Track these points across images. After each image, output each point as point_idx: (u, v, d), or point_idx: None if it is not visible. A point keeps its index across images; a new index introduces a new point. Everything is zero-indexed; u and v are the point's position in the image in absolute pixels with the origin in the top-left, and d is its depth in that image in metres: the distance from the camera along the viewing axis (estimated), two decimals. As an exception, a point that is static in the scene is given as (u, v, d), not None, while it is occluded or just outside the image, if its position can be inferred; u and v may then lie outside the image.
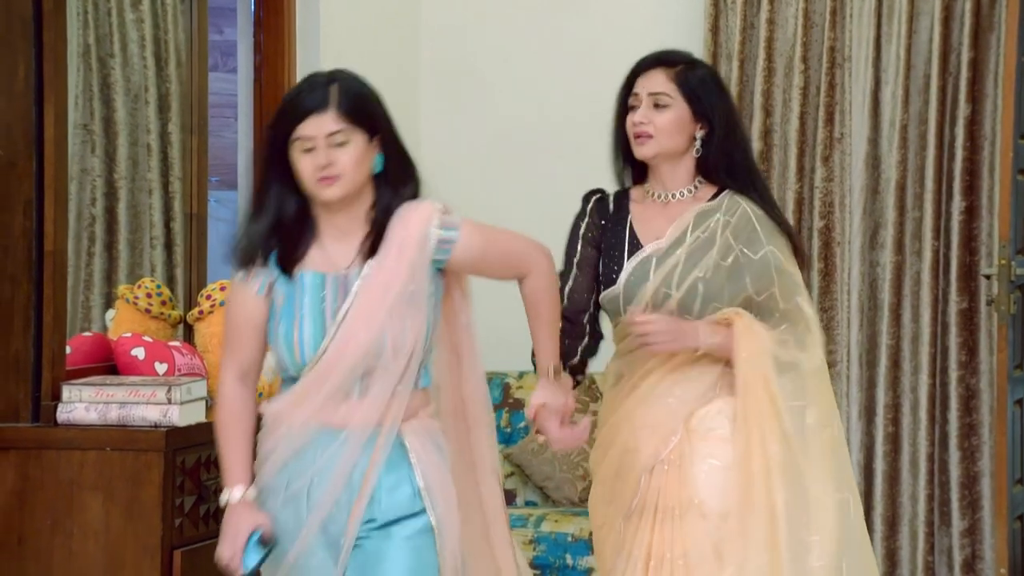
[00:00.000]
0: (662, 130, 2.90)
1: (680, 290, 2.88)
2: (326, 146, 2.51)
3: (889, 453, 4.74)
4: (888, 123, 4.73)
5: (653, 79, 2.93)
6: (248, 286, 2.57)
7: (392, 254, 2.57)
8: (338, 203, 2.56)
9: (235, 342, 2.59)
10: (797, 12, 4.77)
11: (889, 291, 4.72)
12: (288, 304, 2.56)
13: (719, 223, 2.91)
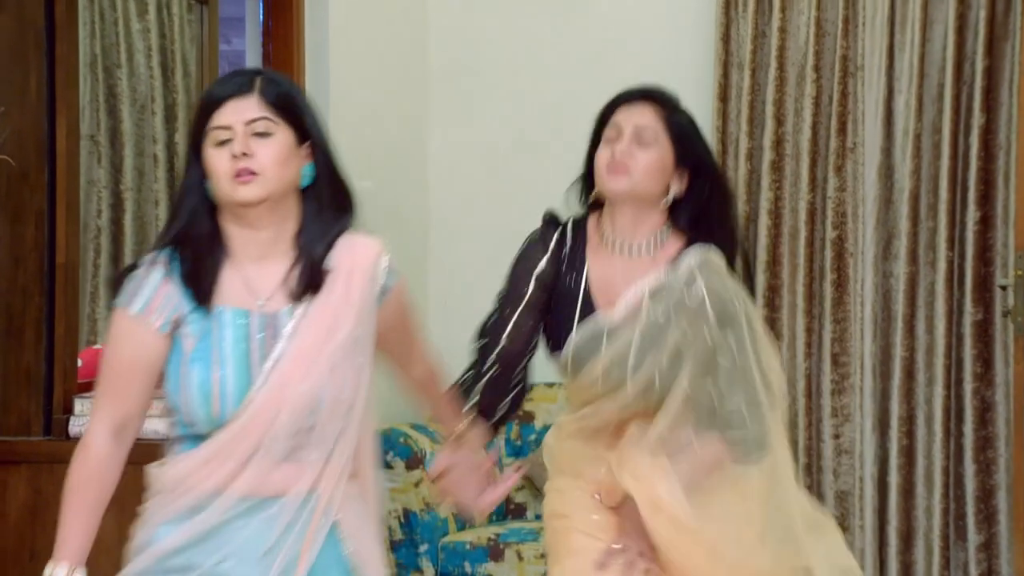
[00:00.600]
0: (642, 169, 2.67)
1: (636, 379, 2.66)
2: (244, 135, 2.15)
3: (903, 466, 4.74)
4: (902, 132, 4.73)
5: (640, 113, 2.72)
6: (146, 320, 2.17)
7: (338, 290, 2.24)
8: (256, 215, 2.18)
9: (117, 388, 2.18)
10: (809, 20, 4.78)
11: (903, 302, 4.72)
12: (203, 346, 2.18)
13: (677, 307, 2.66)
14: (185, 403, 2.18)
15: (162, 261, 2.19)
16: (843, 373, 4.82)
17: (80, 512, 2.18)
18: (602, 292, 2.70)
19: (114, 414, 2.19)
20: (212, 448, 2.19)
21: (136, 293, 2.18)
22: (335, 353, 2.22)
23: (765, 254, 4.81)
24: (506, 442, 4.83)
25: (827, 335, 4.81)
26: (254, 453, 2.18)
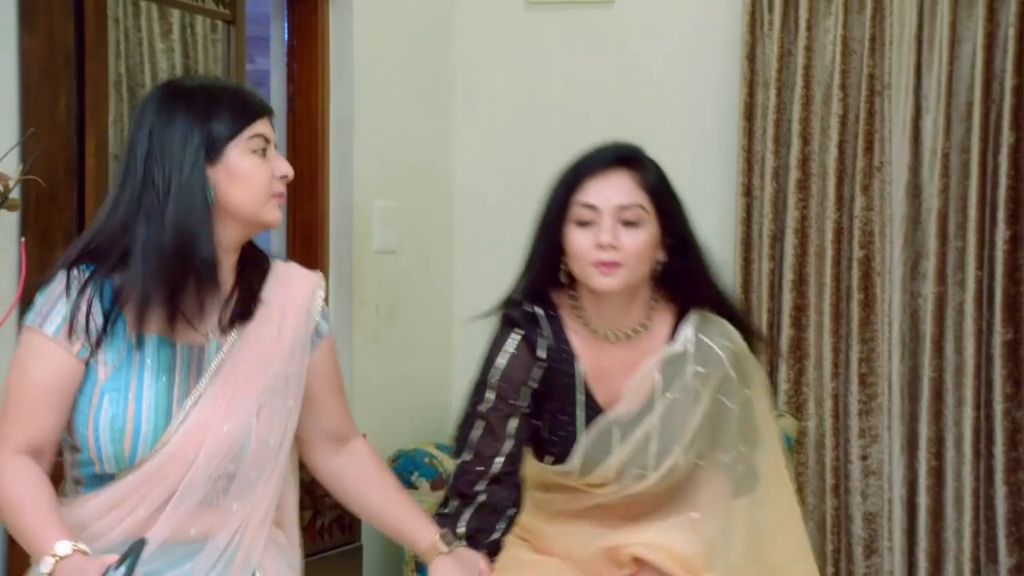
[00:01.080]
0: (634, 255, 2.33)
1: (659, 471, 2.40)
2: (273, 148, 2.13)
3: (933, 488, 4.72)
4: (929, 151, 4.73)
5: (618, 185, 2.36)
6: (66, 342, 2.03)
7: (273, 323, 2.13)
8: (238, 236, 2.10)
9: (27, 412, 2.01)
10: (835, 39, 4.78)
11: (931, 322, 4.71)
12: (119, 377, 2.04)
13: (695, 378, 2.41)
14: (93, 439, 2.03)
15: (80, 278, 2.06)
16: (871, 393, 4.81)
17: (37, 507, 1.98)
18: (601, 386, 2.42)
19: (23, 439, 2.02)
20: (120, 492, 2.04)
21: (51, 312, 2.04)
22: (263, 392, 2.09)
23: (791, 273, 4.81)
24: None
25: (854, 355, 4.80)
26: (167, 499, 2.03)
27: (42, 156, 3.02)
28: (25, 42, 3.08)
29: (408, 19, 4.80)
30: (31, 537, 1.98)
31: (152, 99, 2.11)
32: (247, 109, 2.10)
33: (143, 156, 2.06)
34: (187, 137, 2.05)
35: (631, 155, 2.38)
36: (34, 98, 3.09)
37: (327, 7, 4.38)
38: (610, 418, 2.39)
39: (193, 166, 2.04)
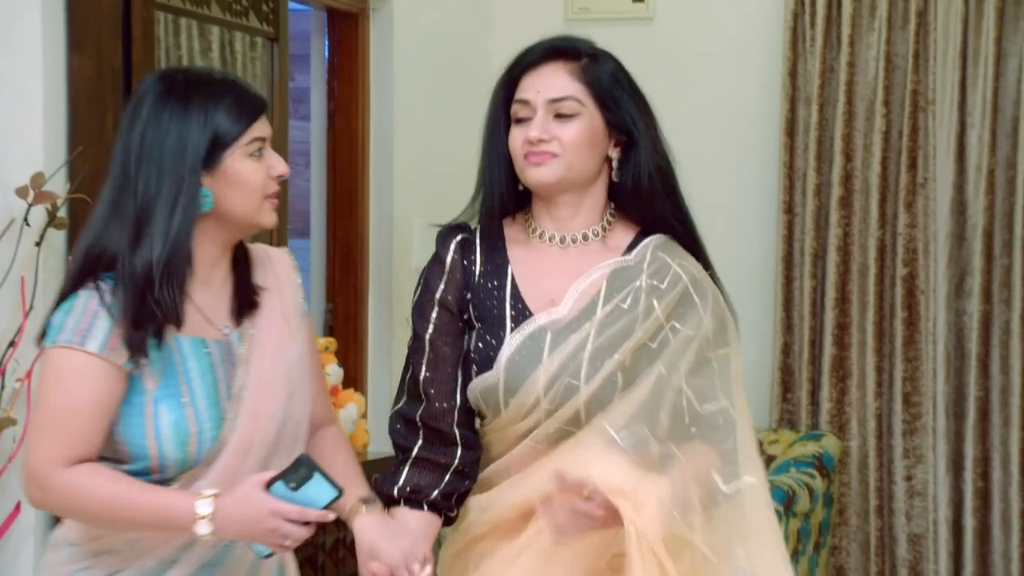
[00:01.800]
0: (570, 147, 2.20)
1: (592, 383, 2.18)
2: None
3: (979, 509, 4.72)
4: (974, 168, 4.74)
5: (551, 78, 2.23)
6: (112, 357, 2.03)
7: (276, 308, 2.18)
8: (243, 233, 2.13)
9: (75, 431, 2.02)
10: (878, 55, 4.80)
11: (977, 341, 4.72)
12: (170, 384, 2.07)
13: (643, 289, 2.22)
14: (155, 447, 2.05)
15: (111, 290, 2.06)
16: (915, 413, 4.81)
17: (143, 486, 2.02)
18: (536, 291, 2.25)
19: (73, 457, 2.02)
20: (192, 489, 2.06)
21: (91, 329, 2.03)
22: (290, 375, 2.15)
23: (834, 291, 4.82)
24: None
25: (898, 374, 4.81)
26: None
27: (89, 175, 3.07)
28: (74, 63, 3.13)
29: (448, 36, 4.85)
30: (159, 510, 2.01)
31: (147, 97, 2.09)
32: (245, 111, 2.09)
33: (136, 160, 2.07)
34: (184, 144, 2.05)
35: (565, 46, 2.26)
36: (82, 118, 3.14)
37: (368, 24, 4.43)
38: (541, 322, 2.21)
39: (190, 175, 2.05)
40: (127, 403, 2.06)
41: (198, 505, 2.00)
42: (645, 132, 2.25)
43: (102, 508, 2.03)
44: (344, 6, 4.36)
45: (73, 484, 2.02)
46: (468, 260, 2.29)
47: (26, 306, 2.99)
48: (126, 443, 2.07)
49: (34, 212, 3.01)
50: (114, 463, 2.08)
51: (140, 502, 2.02)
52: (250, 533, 2.02)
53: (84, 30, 3.14)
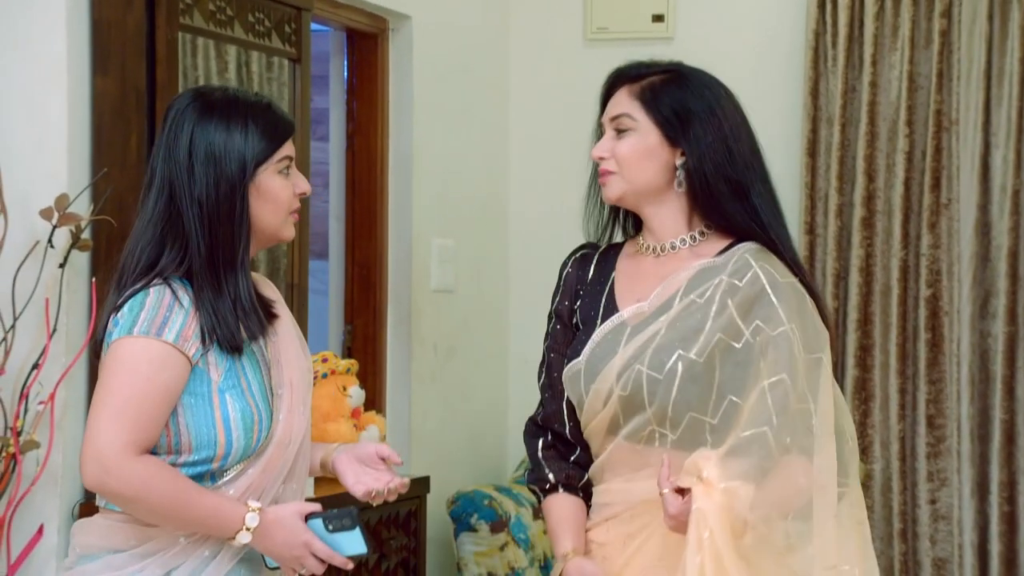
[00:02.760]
0: (625, 162, 2.37)
1: (665, 375, 2.30)
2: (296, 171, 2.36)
3: (1005, 533, 4.73)
4: (999, 188, 4.76)
5: (616, 99, 2.43)
6: (181, 350, 2.21)
7: (288, 321, 2.39)
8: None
9: (148, 416, 2.17)
10: (901, 75, 4.83)
11: (1002, 363, 4.73)
12: (232, 376, 2.26)
13: (721, 287, 2.33)
14: (224, 434, 2.22)
15: (181, 288, 2.24)
16: (939, 436, 4.83)
17: (203, 489, 2.21)
18: (628, 294, 2.42)
19: (142, 442, 2.17)
20: (245, 481, 2.25)
21: (167, 321, 2.20)
22: (307, 381, 2.36)
23: (856, 312, 4.85)
24: (591, 507, 4.88)
25: (922, 396, 4.82)
26: (274, 488, 2.29)
27: (113, 196, 3.10)
28: (98, 84, 3.17)
29: (467, 56, 4.89)
30: (211, 513, 2.19)
31: (189, 112, 2.28)
32: (277, 131, 2.30)
33: (186, 169, 2.26)
34: (230, 157, 2.25)
35: (627, 70, 2.46)
36: (106, 139, 3.18)
37: (387, 45, 4.47)
38: (624, 315, 2.38)
39: (233, 187, 2.25)
40: (191, 394, 2.22)
41: (248, 517, 2.20)
42: (701, 139, 2.36)
43: (162, 501, 2.17)
44: (363, 27, 4.40)
45: (142, 473, 2.15)
46: (581, 273, 2.49)
47: (50, 328, 3.02)
48: (192, 432, 2.22)
49: (58, 233, 3.05)
50: (168, 456, 2.22)
51: (197, 502, 2.18)
52: (277, 551, 2.24)
53: (108, 51, 3.18)
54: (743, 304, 2.32)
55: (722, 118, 2.38)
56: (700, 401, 2.32)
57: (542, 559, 4.51)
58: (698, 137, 2.36)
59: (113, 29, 3.19)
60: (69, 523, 3.12)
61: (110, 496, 2.21)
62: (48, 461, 3.04)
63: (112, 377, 2.20)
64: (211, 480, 2.25)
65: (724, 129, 2.37)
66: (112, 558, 2.25)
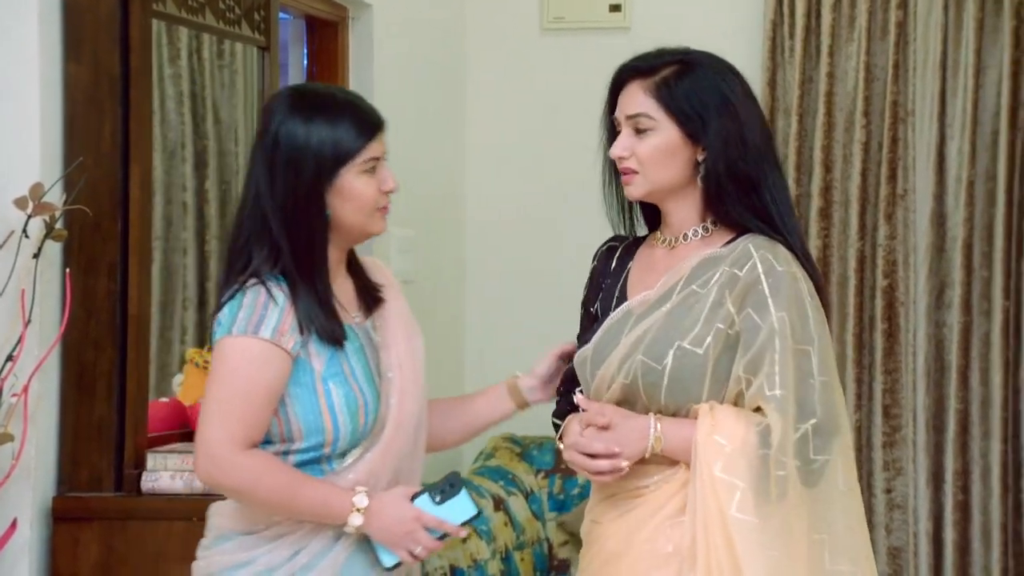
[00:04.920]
0: (647, 162, 2.41)
1: (653, 359, 2.39)
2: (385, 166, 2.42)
3: (959, 522, 4.84)
4: (954, 179, 4.87)
5: (631, 96, 2.44)
6: (279, 345, 2.31)
7: (396, 304, 2.48)
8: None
9: (253, 413, 2.29)
10: (858, 65, 4.92)
11: (957, 353, 4.84)
12: (334, 363, 2.36)
13: (722, 276, 2.39)
14: (330, 421, 2.33)
15: (275, 285, 2.34)
16: (895, 425, 4.93)
17: (310, 479, 2.30)
18: (639, 283, 2.50)
19: (249, 439, 2.29)
20: (364, 467, 2.35)
21: (263, 319, 2.31)
22: (419, 361, 2.45)
23: (812, 303, 4.93)
24: (548, 496, 4.93)
25: (878, 386, 4.93)
26: (393, 473, 2.38)
27: (87, 185, 3.10)
28: (71, 71, 3.17)
29: (427, 45, 4.93)
30: (320, 501, 2.29)
31: (276, 113, 2.37)
32: (363, 131, 2.36)
33: (269, 173, 2.36)
34: (305, 160, 2.33)
35: (640, 64, 2.46)
36: (79, 127, 3.18)
37: (347, 34, 4.49)
38: (631, 304, 2.46)
39: (312, 189, 2.33)
40: (296, 384, 2.32)
41: (357, 499, 2.30)
42: (718, 134, 2.39)
43: (272, 493, 2.29)
44: (324, 15, 4.42)
45: (252, 467, 2.28)
46: (605, 265, 2.57)
47: (25, 319, 3.02)
48: (300, 421, 2.33)
49: (32, 223, 3.04)
50: (281, 444, 2.34)
51: (304, 492, 2.29)
52: (389, 533, 2.31)
53: (81, 37, 3.18)
54: (739, 293, 2.38)
55: (737, 107, 2.41)
56: (696, 391, 2.39)
57: (504, 551, 4.56)
58: (716, 133, 2.39)
59: (85, 15, 3.18)
60: (43, 517, 3.13)
61: (222, 490, 2.33)
62: (22, 454, 3.04)
63: (217, 377, 2.32)
64: (329, 464, 2.36)
65: (740, 119, 2.40)
66: (244, 539, 2.37)
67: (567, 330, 3.59)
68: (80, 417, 3.18)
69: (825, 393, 2.36)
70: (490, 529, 4.52)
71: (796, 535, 2.33)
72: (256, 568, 2.34)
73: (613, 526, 2.46)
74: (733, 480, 2.32)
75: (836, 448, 2.37)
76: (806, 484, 2.34)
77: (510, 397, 2.61)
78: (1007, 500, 4.82)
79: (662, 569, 2.38)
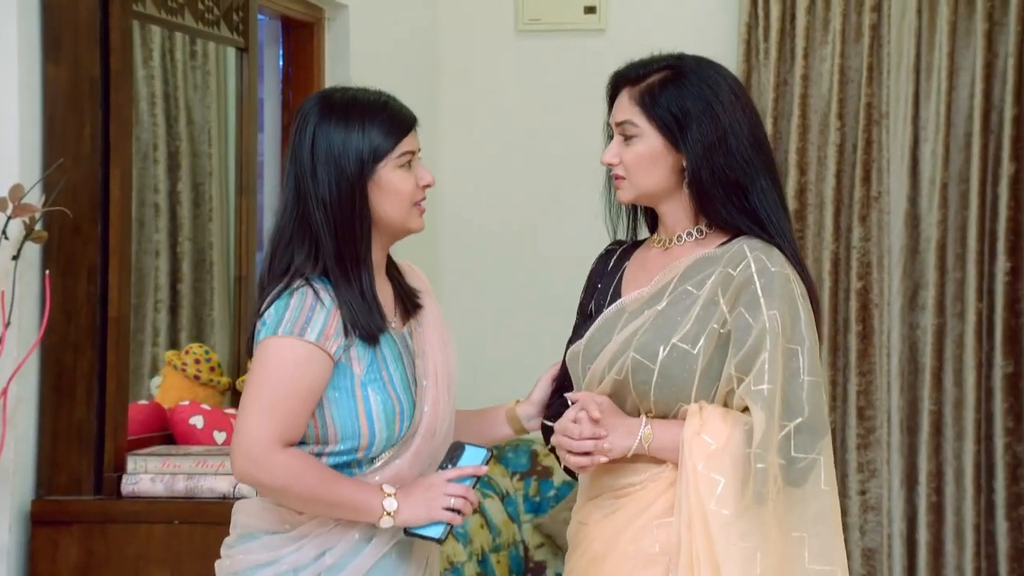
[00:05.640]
0: (632, 168, 2.46)
1: (646, 357, 2.42)
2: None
3: (933, 523, 4.89)
4: (928, 181, 4.92)
5: (619, 103, 2.50)
6: (324, 348, 2.34)
7: (432, 311, 2.51)
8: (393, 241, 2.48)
9: (295, 413, 2.33)
10: (832, 68, 4.97)
11: (931, 354, 4.89)
12: (374, 369, 2.39)
13: (716, 276, 2.43)
14: (367, 426, 2.37)
15: (322, 288, 2.37)
16: (869, 427, 4.97)
17: (341, 478, 2.34)
18: (633, 282, 2.55)
19: (288, 438, 2.32)
20: (394, 472, 2.38)
21: (309, 321, 2.34)
22: (452, 369, 2.48)
23: (787, 305, 4.96)
24: (524, 498, 4.95)
25: (852, 388, 4.97)
26: (416, 477, 2.40)
27: (67, 187, 3.11)
28: (50, 72, 3.17)
29: (401, 46, 4.94)
30: (353, 499, 2.33)
31: (311, 116, 2.41)
32: (396, 127, 2.41)
33: (310, 174, 2.39)
34: (348, 158, 2.37)
35: (628, 72, 2.51)
36: (59, 128, 3.18)
37: (323, 34, 4.50)
38: (624, 301, 2.50)
39: (356, 183, 2.37)
40: (336, 388, 2.36)
41: (387, 503, 2.33)
42: (699, 142, 2.42)
43: (307, 491, 2.32)
44: (300, 15, 4.42)
45: (289, 465, 2.31)
46: (603, 267, 2.62)
47: (5, 320, 3.02)
48: (337, 425, 2.37)
49: (11, 225, 3.04)
50: (316, 446, 2.37)
51: (338, 491, 2.33)
52: (418, 504, 2.33)
53: (60, 39, 3.18)
54: (733, 292, 2.41)
55: (720, 113, 2.43)
56: (686, 389, 2.42)
57: (480, 553, 4.57)
58: (696, 140, 2.42)
59: (65, 16, 3.18)
60: (21, 521, 3.13)
61: (259, 487, 2.36)
62: (0, 458, 3.04)
63: (259, 376, 2.34)
64: (359, 468, 2.39)
65: (723, 125, 2.42)
66: (270, 539, 2.39)
67: (543, 334, 3.62)
68: (59, 420, 3.18)
69: (813, 392, 2.39)
70: (467, 531, 4.53)
71: (774, 531, 2.35)
72: (281, 568, 2.36)
73: (599, 527, 2.48)
74: (714, 476, 2.35)
75: (820, 448, 2.40)
76: (790, 483, 2.36)
77: (508, 424, 2.63)
78: (980, 501, 4.87)
79: (648, 569, 2.40)
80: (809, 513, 2.40)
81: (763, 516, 2.35)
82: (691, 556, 2.35)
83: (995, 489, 4.87)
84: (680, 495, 2.38)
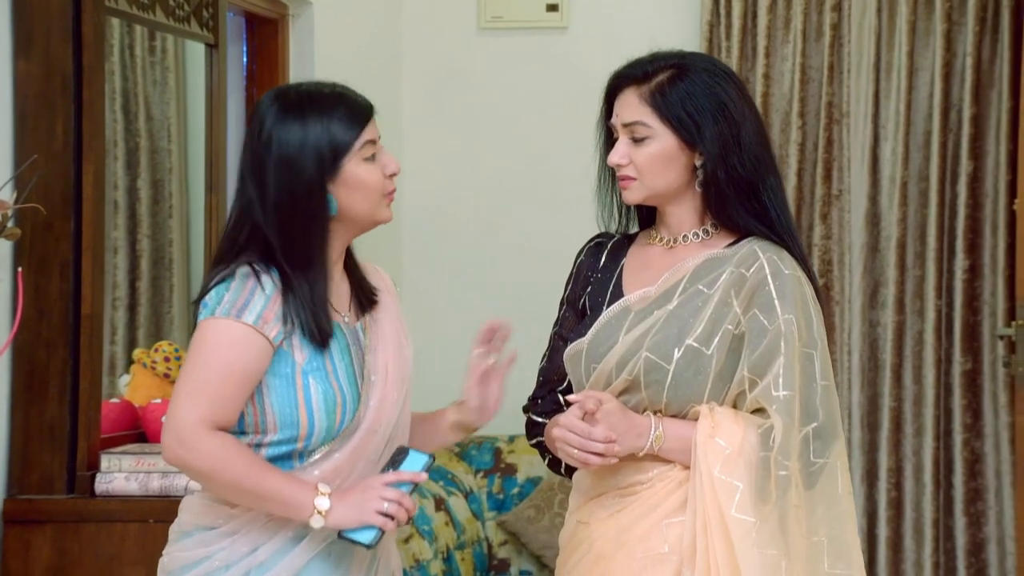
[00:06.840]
0: (644, 169, 2.45)
1: (660, 357, 2.41)
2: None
3: (892, 519, 4.97)
4: (888, 180, 5.00)
5: (626, 103, 2.46)
6: (261, 332, 2.30)
7: (387, 309, 2.47)
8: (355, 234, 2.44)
9: (226, 395, 2.28)
10: (794, 67, 5.03)
11: (891, 351, 4.96)
12: (317, 358, 2.34)
13: (728, 276, 2.42)
14: (306, 415, 2.32)
15: (264, 272, 2.33)
16: (829, 424, 5.03)
17: (264, 465, 2.28)
18: (635, 280, 2.52)
19: (219, 421, 2.27)
20: (332, 465, 2.34)
21: (248, 304, 2.30)
22: (405, 368, 2.44)
23: (748, 303, 5.02)
24: (488, 496, 4.98)
25: (813, 385, 5.02)
26: (363, 469, 2.36)
27: (39, 184, 3.10)
28: (20, 68, 3.17)
29: (364, 43, 4.96)
30: (281, 492, 2.27)
31: (267, 116, 2.36)
32: (355, 118, 2.36)
33: (265, 174, 2.34)
34: (307, 156, 2.32)
35: (634, 71, 2.48)
36: (31, 125, 3.18)
37: (287, 31, 4.51)
38: (630, 299, 2.48)
39: (315, 184, 2.33)
40: (275, 375, 2.32)
41: (318, 501, 2.28)
42: (715, 140, 2.43)
43: (235, 478, 2.28)
44: (264, 12, 4.43)
45: (217, 449, 2.26)
46: (593, 260, 2.59)
47: (-21, 318, 3.02)
48: (276, 413, 2.33)
49: (-17, 222, 3.04)
50: (255, 436, 2.34)
51: (267, 481, 2.28)
52: (352, 506, 2.27)
53: (32, 35, 3.18)
54: (746, 294, 2.41)
55: (732, 111, 2.43)
56: (699, 390, 2.42)
57: (445, 551, 4.60)
58: (712, 138, 2.42)
59: (36, 12, 3.18)
60: (-7, 520, 3.13)
61: (186, 470, 2.32)
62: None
63: (193, 357, 2.31)
64: (299, 459, 2.35)
65: (736, 123, 2.43)
66: (204, 535, 2.36)
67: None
68: (32, 418, 3.17)
69: (827, 397, 2.41)
70: (432, 529, 4.56)
71: (795, 536, 2.37)
72: (213, 564, 2.34)
73: (603, 526, 2.47)
74: (733, 481, 2.36)
75: (835, 452, 2.43)
76: (804, 486, 2.39)
77: (459, 431, 2.55)
78: (939, 497, 4.94)
79: (657, 568, 2.41)
80: (828, 517, 2.43)
81: (786, 523, 2.36)
82: (708, 560, 2.36)
83: (954, 485, 4.95)
84: (694, 498, 2.38)
